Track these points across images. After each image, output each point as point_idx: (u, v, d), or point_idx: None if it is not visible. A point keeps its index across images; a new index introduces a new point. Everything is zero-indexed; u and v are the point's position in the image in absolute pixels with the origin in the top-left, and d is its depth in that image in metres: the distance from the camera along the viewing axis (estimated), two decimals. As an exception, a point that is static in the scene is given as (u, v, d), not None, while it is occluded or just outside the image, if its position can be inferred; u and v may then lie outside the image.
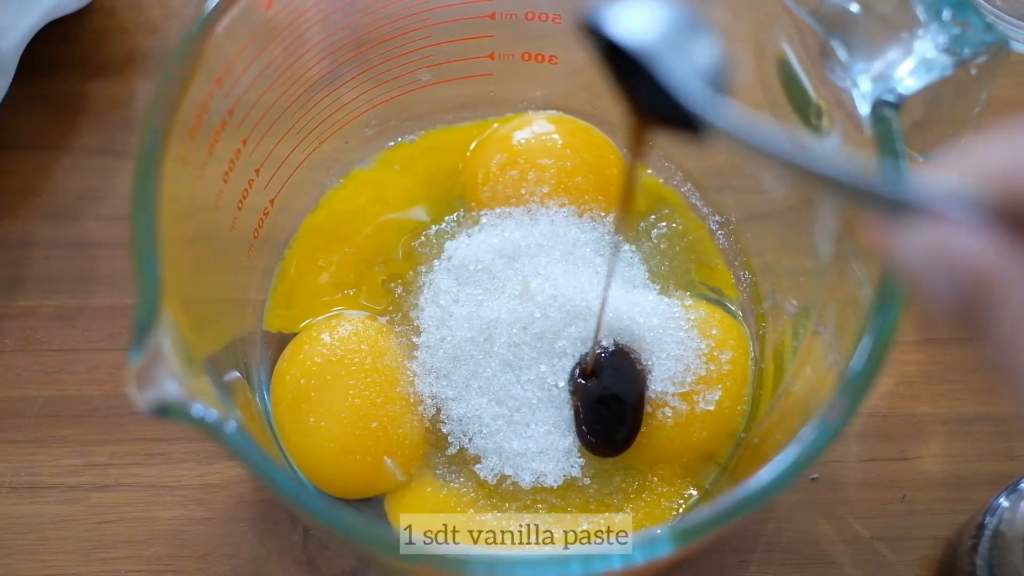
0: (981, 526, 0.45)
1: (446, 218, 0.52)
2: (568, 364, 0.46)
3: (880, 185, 0.25)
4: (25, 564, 0.48)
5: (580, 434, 0.46)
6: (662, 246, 0.51)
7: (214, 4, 0.38)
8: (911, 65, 0.35)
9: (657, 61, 0.27)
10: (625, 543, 0.31)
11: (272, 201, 0.48)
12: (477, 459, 0.46)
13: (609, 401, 0.45)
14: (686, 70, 0.27)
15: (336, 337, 0.47)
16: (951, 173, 0.25)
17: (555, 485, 0.45)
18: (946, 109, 0.39)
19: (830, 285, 0.41)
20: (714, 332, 0.47)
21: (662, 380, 0.46)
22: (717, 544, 0.49)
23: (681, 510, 0.46)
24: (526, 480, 0.45)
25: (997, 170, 0.25)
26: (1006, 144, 0.25)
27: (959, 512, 0.49)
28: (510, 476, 0.45)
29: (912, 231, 0.25)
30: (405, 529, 0.46)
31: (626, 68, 0.28)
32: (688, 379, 0.46)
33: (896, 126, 0.35)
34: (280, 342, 0.49)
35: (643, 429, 0.46)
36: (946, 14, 0.35)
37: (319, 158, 0.50)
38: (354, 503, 0.47)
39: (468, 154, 0.53)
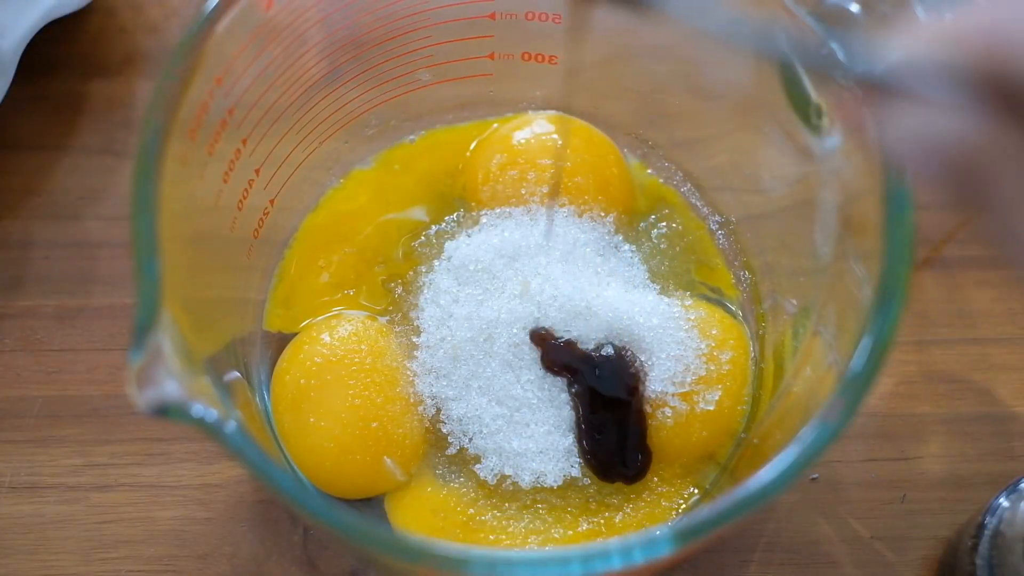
0: (981, 526, 0.45)
1: (446, 218, 0.52)
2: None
3: (853, 64, 0.24)
4: (25, 564, 0.48)
5: (589, 466, 0.46)
6: (662, 246, 0.51)
7: (214, 4, 0.38)
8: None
9: None
10: (625, 543, 0.31)
11: (272, 201, 0.48)
12: (477, 459, 0.46)
13: (613, 434, 0.45)
14: None
15: (336, 337, 0.47)
16: (932, 41, 0.24)
17: (555, 485, 0.45)
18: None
19: (830, 285, 0.41)
20: (714, 332, 0.47)
21: (662, 380, 0.46)
22: (717, 544, 0.49)
23: (681, 510, 0.46)
24: (526, 480, 0.45)
25: (977, 37, 0.23)
26: (985, 9, 0.24)
27: (959, 512, 0.49)
28: (510, 476, 0.45)
29: (896, 115, 0.24)
30: (405, 529, 0.46)
31: None
32: (688, 379, 0.46)
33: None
34: (280, 342, 0.49)
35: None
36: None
37: (319, 158, 0.50)
38: (354, 503, 0.47)
39: (468, 154, 0.53)
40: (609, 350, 0.46)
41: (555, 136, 0.52)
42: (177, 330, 0.33)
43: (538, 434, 0.45)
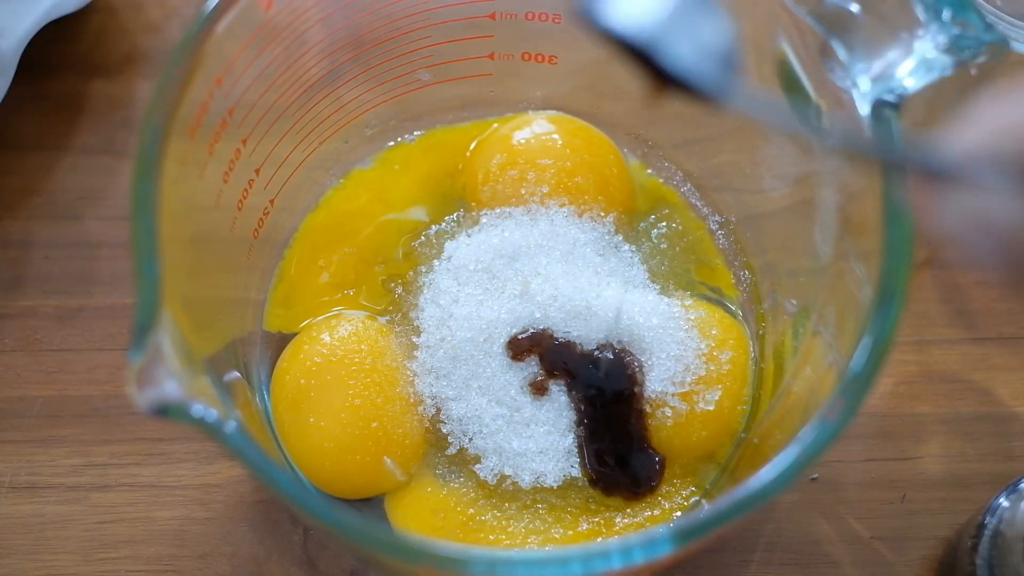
0: (981, 526, 0.45)
1: (446, 218, 0.52)
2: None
3: (910, 155, 0.26)
4: (25, 564, 0.48)
5: (589, 479, 0.46)
6: (662, 246, 0.51)
7: (214, 4, 0.38)
8: (911, 65, 0.35)
9: (660, 47, 0.27)
10: (625, 543, 0.31)
11: (272, 201, 0.48)
12: (477, 459, 0.46)
13: (615, 441, 0.46)
14: (692, 51, 0.27)
15: (336, 337, 0.47)
16: (983, 132, 0.25)
17: (555, 485, 0.45)
18: (946, 110, 0.39)
19: (830, 285, 0.41)
20: (714, 332, 0.47)
21: (662, 380, 0.46)
22: (717, 544, 0.49)
23: (681, 510, 0.46)
24: (526, 480, 0.45)
25: (1015, 126, 0.25)
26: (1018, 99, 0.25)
27: (959, 512, 0.49)
28: (510, 476, 0.45)
29: (952, 200, 0.26)
30: (405, 529, 0.46)
31: (633, 48, 0.28)
32: (688, 379, 0.46)
33: (896, 126, 0.35)
34: (280, 342, 0.49)
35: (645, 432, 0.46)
36: (946, 14, 0.35)
37: (319, 158, 0.50)
38: (354, 503, 0.47)
39: (468, 154, 0.53)
40: (608, 352, 0.46)
41: (555, 136, 0.52)
42: (177, 330, 0.33)
43: (538, 434, 0.45)
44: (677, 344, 0.46)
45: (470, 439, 0.46)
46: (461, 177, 0.53)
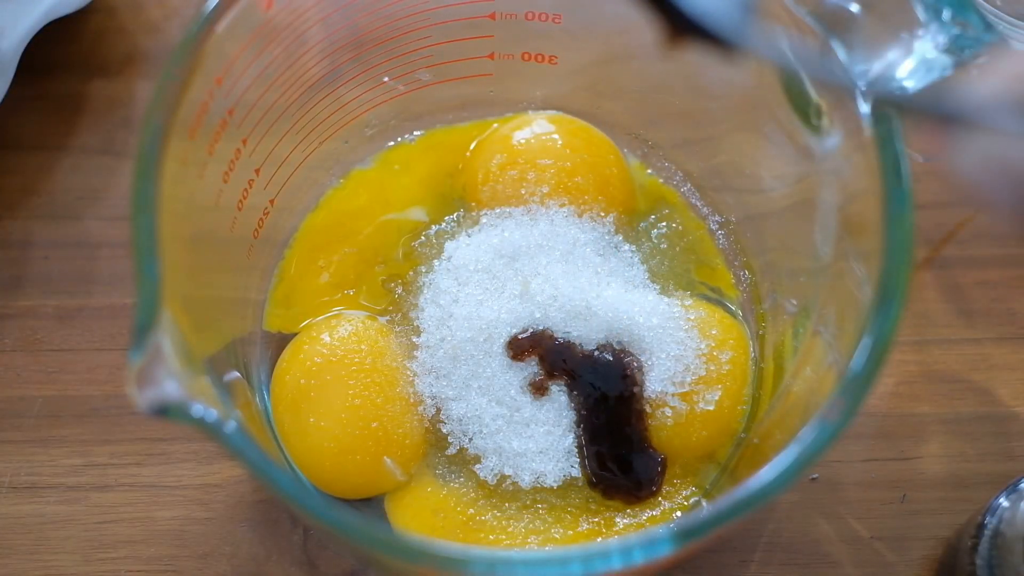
0: (981, 526, 0.45)
1: (446, 218, 0.52)
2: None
3: (925, 99, 0.26)
4: (25, 564, 0.48)
5: (589, 482, 0.46)
6: (662, 246, 0.51)
7: (214, 4, 0.38)
8: (911, 65, 0.35)
9: None
10: (625, 543, 0.31)
11: (272, 201, 0.48)
12: (477, 459, 0.46)
13: (615, 444, 0.45)
14: None
15: (336, 337, 0.47)
16: (1004, 78, 0.26)
17: (555, 485, 0.45)
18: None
19: (830, 285, 0.41)
20: (714, 332, 0.47)
21: (662, 380, 0.46)
22: (717, 544, 0.49)
23: (681, 510, 0.46)
24: (526, 480, 0.45)
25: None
26: None
27: (959, 512, 0.49)
28: (510, 476, 0.45)
29: (970, 145, 0.26)
30: (405, 529, 0.46)
31: None
32: (688, 379, 0.46)
33: (896, 126, 0.35)
34: (280, 342, 0.49)
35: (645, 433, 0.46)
36: (946, 14, 0.35)
37: (319, 158, 0.50)
38: (354, 503, 0.47)
39: (468, 154, 0.53)
40: (608, 352, 0.46)
41: (555, 136, 0.52)
42: (177, 330, 0.33)
43: (538, 434, 0.45)
44: (677, 344, 0.46)
45: (470, 439, 0.46)
46: (461, 177, 0.53)
